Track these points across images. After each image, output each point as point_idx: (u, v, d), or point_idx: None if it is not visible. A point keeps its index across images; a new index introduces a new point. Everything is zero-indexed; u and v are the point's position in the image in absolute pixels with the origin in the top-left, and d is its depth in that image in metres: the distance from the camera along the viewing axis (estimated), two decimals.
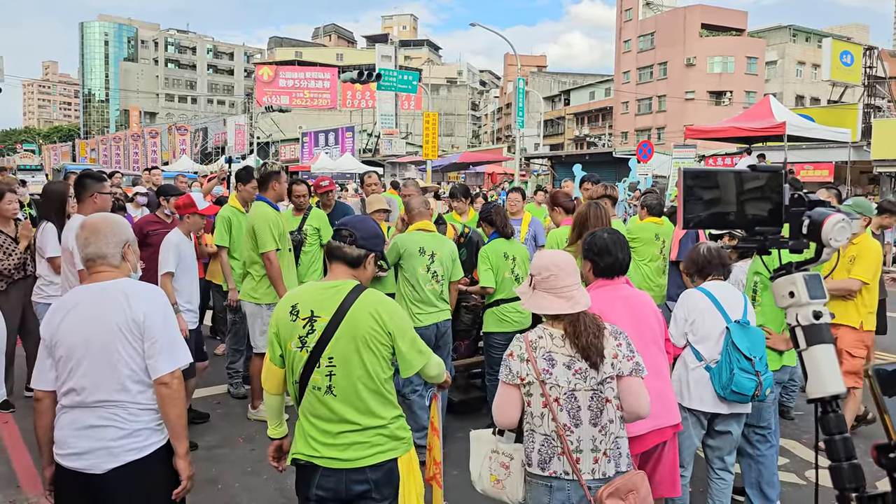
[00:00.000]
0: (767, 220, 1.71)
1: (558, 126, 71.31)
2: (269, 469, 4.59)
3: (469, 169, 36.43)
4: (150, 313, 2.51)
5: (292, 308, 2.60)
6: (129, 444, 2.48)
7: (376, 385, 2.58)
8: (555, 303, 2.59)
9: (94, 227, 2.64)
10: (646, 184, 21.02)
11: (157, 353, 2.50)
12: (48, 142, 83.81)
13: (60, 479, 2.54)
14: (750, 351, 3.54)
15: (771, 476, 4.00)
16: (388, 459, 2.60)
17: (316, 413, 2.59)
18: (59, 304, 2.61)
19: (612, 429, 2.56)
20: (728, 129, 17.43)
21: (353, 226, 2.68)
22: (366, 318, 2.54)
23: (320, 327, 2.54)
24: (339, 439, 2.56)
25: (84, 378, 2.46)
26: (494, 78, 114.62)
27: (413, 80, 26.49)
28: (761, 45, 54.03)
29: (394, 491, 2.62)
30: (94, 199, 4.76)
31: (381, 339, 2.57)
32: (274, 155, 49.59)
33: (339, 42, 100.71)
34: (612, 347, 2.57)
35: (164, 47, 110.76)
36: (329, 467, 2.57)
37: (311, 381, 2.57)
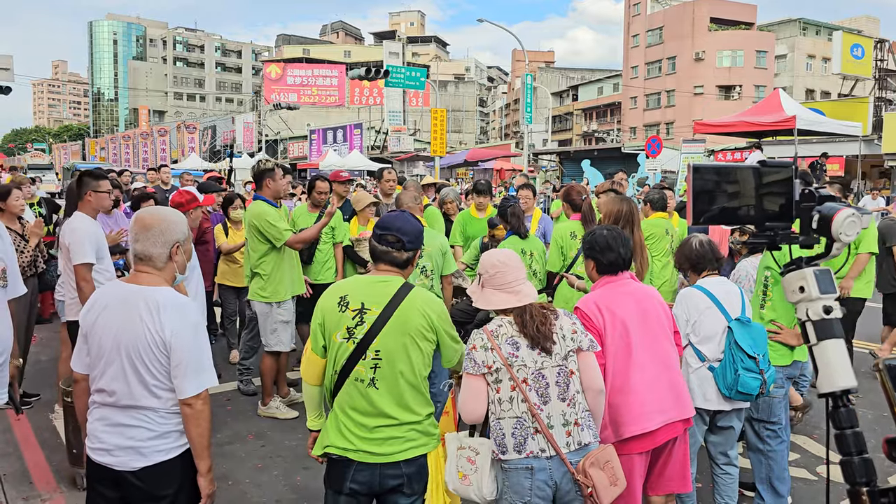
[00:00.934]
0: (778, 216, 1.70)
1: (566, 122, 71.15)
2: (280, 465, 4.63)
3: (477, 165, 36.41)
4: (178, 331, 2.43)
5: (341, 299, 2.65)
6: (158, 444, 2.48)
7: (417, 381, 2.64)
8: (503, 298, 2.74)
9: (145, 223, 2.56)
10: (655, 179, 20.96)
11: (181, 374, 2.43)
12: (58, 141, 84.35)
13: (92, 471, 2.55)
14: (752, 349, 3.53)
15: (781, 471, 3.98)
16: (420, 455, 2.66)
17: (354, 406, 2.63)
18: (99, 297, 2.58)
19: (579, 399, 2.69)
20: (737, 124, 17.33)
21: (400, 230, 2.70)
22: (416, 314, 2.61)
23: (370, 319, 2.59)
24: (375, 433, 2.60)
25: (114, 382, 2.46)
26: (502, 74, 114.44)
27: (421, 76, 26.48)
28: (771, 39, 53.69)
29: (424, 486, 2.69)
30: (88, 197, 4.77)
31: (428, 335, 2.64)
32: (282, 153, 49.71)
33: (347, 39, 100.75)
34: (569, 325, 2.73)
35: (172, 46, 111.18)
36: (364, 461, 2.60)
37: (355, 372, 2.61)
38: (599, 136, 60.80)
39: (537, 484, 2.60)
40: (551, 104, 64.77)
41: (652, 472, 3.25)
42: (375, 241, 2.73)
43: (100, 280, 4.55)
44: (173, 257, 2.59)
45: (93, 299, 2.60)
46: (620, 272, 3.26)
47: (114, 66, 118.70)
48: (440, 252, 5.12)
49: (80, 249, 4.56)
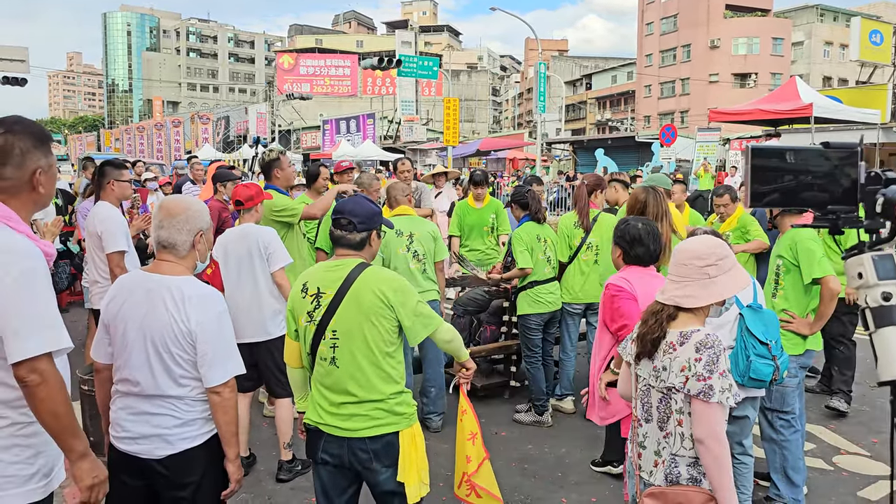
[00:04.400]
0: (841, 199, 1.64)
1: (580, 110, 70.75)
2: (295, 453, 4.64)
3: (490, 155, 36.30)
4: (203, 321, 2.45)
5: (303, 286, 2.82)
6: (184, 432, 2.49)
7: (377, 358, 2.72)
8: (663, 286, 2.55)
9: (170, 211, 2.59)
10: (669, 168, 20.81)
11: (208, 363, 2.46)
12: (73, 132, 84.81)
13: (115, 460, 2.56)
14: (764, 335, 3.49)
15: (796, 461, 3.96)
16: (387, 433, 2.73)
17: (323, 383, 2.79)
18: (121, 287, 2.59)
19: (671, 441, 2.41)
20: (753, 112, 17.12)
21: (351, 212, 2.82)
22: (368, 292, 2.71)
23: (325, 302, 2.74)
24: (341, 409, 2.73)
25: (138, 371, 2.46)
26: (515, 63, 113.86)
27: (433, 65, 26.37)
28: (787, 26, 53.02)
29: (394, 460, 2.74)
30: (111, 186, 4.89)
31: (384, 312, 2.72)
32: (295, 143, 49.77)
33: (359, 29, 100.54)
34: (686, 359, 2.34)
35: (185, 37, 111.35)
36: (332, 434, 2.75)
37: (319, 352, 2.77)
38: (613, 125, 60.38)
39: (631, 483, 2.66)
40: (564, 93, 64.33)
41: None
42: (332, 226, 2.86)
43: (127, 268, 4.67)
44: (196, 245, 2.61)
45: (115, 289, 2.59)
46: (647, 266, 3.30)
47: (128, 58, 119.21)
48: (431, 237, 5.15)
49: (113, 238, 4.68)
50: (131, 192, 5.26)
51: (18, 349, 1.91)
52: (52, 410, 1.96)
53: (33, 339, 1.92)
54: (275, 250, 4.38)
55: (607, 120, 64.03)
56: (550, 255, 5.41)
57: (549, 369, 5.54)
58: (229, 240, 4.48)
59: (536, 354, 5.37)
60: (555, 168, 36.00)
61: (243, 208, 4.54)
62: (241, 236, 4.44)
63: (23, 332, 1.91)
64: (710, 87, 50.66)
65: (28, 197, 2.13)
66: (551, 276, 5.39)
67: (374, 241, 2.89)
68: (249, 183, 4.85)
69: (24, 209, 2.12)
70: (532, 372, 5.37)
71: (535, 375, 5.35)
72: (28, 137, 2.10)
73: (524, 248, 5.30)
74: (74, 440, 2.04)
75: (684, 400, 2.34)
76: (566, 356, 5.62)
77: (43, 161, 2.14)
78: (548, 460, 4.77)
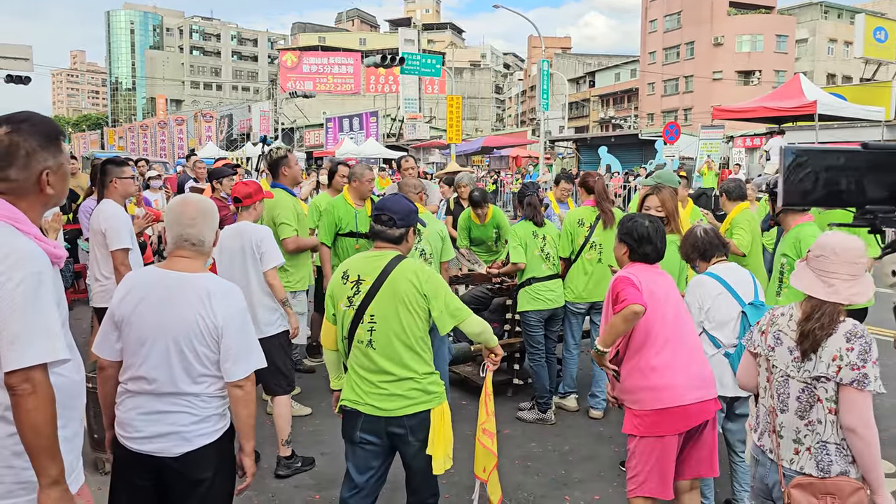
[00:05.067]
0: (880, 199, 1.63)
1: (583, 108, 70.64)
2: (298, 451, 4.65)
3: (493, 152, 36.28)
4: (228, 317, 2.47)
5: (343, 273, 3.08)
6: (201, 429, 2.49)
7: (410, 341, 2.97)
8: (813, 284, 2.52)
9: (202, 209, 2.61)
10: (672, 166, 20.78)
11: (232, 358, 2.48)
12: (77, 130, 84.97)
13: (124, 461, 2.53)
14: None
15: None
16: (421, 410, 2.99)
17: (361, 364, 3.02)
18: (135, 284, 2.56)
19: (818, 429, 2.46)
20: (757, 109, 17.11)
21: (391, 209, 3.07)
22: (404, 281, 2.96)
23: (364, 289, 2.99)
24: (379, 388, 2.98)
25: (156, 369, 2.45)
26: (518, 60, 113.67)
27: (436, 63, 26.41)
28: (791, 23, 52.84)
29: (426, 434, 3.00)
30: (114, 185, 4.90)
31: (417, 300, 2.96)
32: (298, 141, 49.78)
33: (363, 27, 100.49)
34: (837, 349, 2.41)
35: (188, 35, 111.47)
36: (371, 414, 2.98)
37: (356, 335, 3.01)
38: (616, 123, 60.27)
39: (761, 474, 2.67)
40: (568, 91, 64.11)
41: (681, 455, 3.26)
42: (373, 220, 3.12)
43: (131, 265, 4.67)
44: (215, 243, 2.68)
45: (128, 286, 2.57)
46: (653, 264, 3.33)
47: (131, 56, 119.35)
48: (439, 237, 5.15)
49: (118, 236, 4.68)
50: (135, 190, 5.26)
51: (14, 357, 1.82)
52: (35, 425, 1.84)
53: (31, 349, 1.84)
54: (267, 249, 4.37)
55: (610, 118, 63.93)
56: (550, 252, 5.38)
57: (552, 367, 5.53)
58: (224, 237, 4.48)
59: (539, 352, 5.37)
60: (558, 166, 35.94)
61: (241, 206, 4.55)
62: (235, 234, 4.45)
63: (20, 341, 1.83)
64: (713, 85, 50.52)
65: (36, 198, 2.04)
66: (551, 274, 5.38)
67: (411, 236, 3.14)
68: (249, 181, 4.86)
69: (33, 210, 2.03)
70: (535, 369, 5.36)
71: (539, 373, 5.35)
72: (35, 137, 2.00)
73: (518, 243, 5.32)
74: (50, 463, 1.88)
75: (834, 389, 2.41)
76: (569, 354, 5.61)
77: (51, 161, 2.03)
78: (551, 458, 4.77)
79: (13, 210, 1.97)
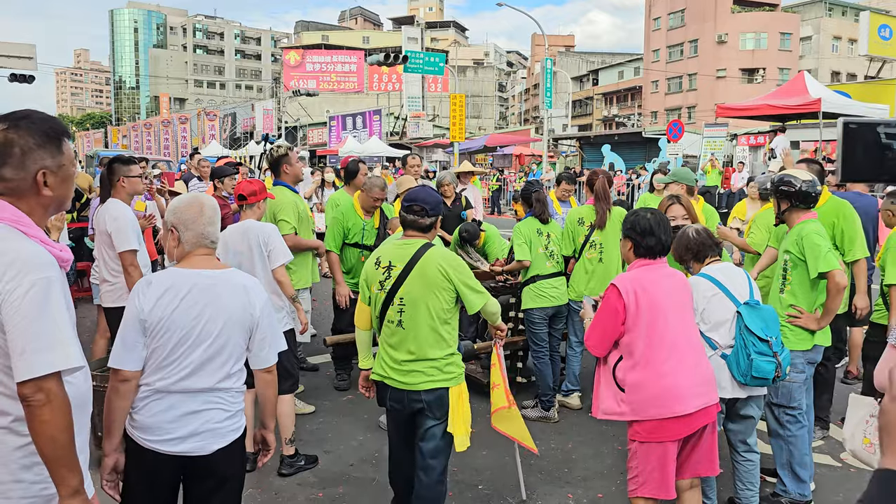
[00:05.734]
0: None
1: (587, 106, 70.53)
2: (301, 449, 4.66)
3: (496, 151, 36.24)
4: (263, 307, 2.60)
5: (376, 260, 3.36)
6: (232, 424, 2.54)
7: (436, 323, 3.23)
8: None
9: (216, 208, 2.67)
10: (676, 164, 20.74)
11: (267, 346, 2.63)
12: (81, 129, 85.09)
13: (150, 465, 2.47)
14: (764, 332, 3.45)
15: (802, 457, 3.95)
16: (438, 387, 3.26)
17: (390, 342, 3.31)
18: (170, 284, 2.48)
19: None
20: (761, 107, 17.06)
21: (423, 200, 3.32)
22: (432, 267, 3.22)
23: (395, 274, 3.25)
24: (403, 366, 3.27)
25: (193, 366, 2.45)
26: (521, 59, 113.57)
27: (439, 61, 26.39)
28: (796, 20, 52.68)
29: (444, 412, 3.28)
30: (121, 183, 4.87)
31: (444, 284, 3.22)
32: (302, 139, 49.80)
33: (366, 25, 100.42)
34: None
35: (192, 33, 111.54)
36: (395, 387, 3.30)
37: (387, 315, 3.29)
38: (620, 121, 60.18)
39: None
40: (571, 89, 64.12)
41: (680, 455, 3.26)
42: (404, 211, 3.33)
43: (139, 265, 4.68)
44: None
45: (161, 288, 2.47)
46: (658, 257, 3.29)
47: (135, 54, 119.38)
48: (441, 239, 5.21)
49: (125, 237, 4.65)
50: (143, 188, 5.24)
51: (26, 367, 1.76)
52: (52, 435, 1.78)
53: (42, 357, 1.77)
54: (275, 247, 4.38)
55: (614, 116, 63.82)
56: (554, 250, 5.40)
57: (555, 365, 5.54)
58: (230, 235, 4.48)
59: (544, 349, 5.37)
60: (561, 164, 35.90)
61: (246, 203, 4.54)
62: (241, 232, 4.44)
63: (31, 350, 1.77)
64: (717, 83, 50.42)
65: (36, 200, 1.95)
66: (555, 271, 5.39)
67: (438, 226, 3.41)
68: (253, 179, 4.85)
69: (34, 213, 1.95)
70: (540, 367, 5.37)
71: (543, 371, 5.35)
72: (32, 135, 1.92)
73: (522, 241, 5.32)
74: (70, 473, 1.83)
75: None
76: (573, 352, 5.62)
77: (49, 161, 1.94)
78: (554, 456, 4.77)
79: (17, 213, 1.90)
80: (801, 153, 21.10)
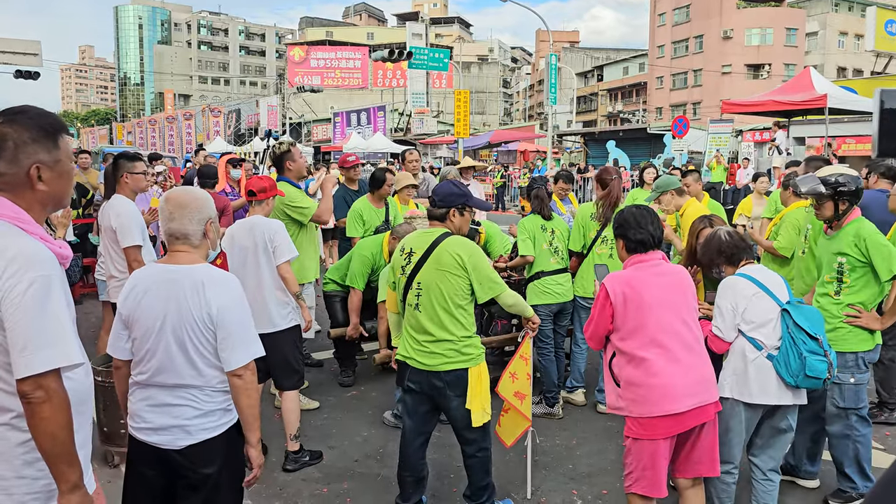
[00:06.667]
0: None
1: (591, 102, 70.38)
2: (305, 445, 4.67)
3: (501, 147, 36.20)
4: (223, 306, 2.48)
5: (402, 247, 3.65)
6: (204, 423, 2.51)
7: (450, 307, 3.46)
8: None
9: (179, 202, 2.60)
10: (681, 160, 20.69)
11: (230, 347, 2.49)
12: (86, 125, 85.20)
13: (133, 451, 2.57)
14: (813, 330, 3.33)
15: (869, 453, 3.95)
16: (457, 368, 3.47)
17: (410, 324, 3.58)
18: (138, 281, 2.58)
19: None
20: (766, 103, 16.95)
21: (436, 191, 3.65)
22: (447, 255, 3.46)
23: (414, 260, 3.53)
24: (423, 346, 3.51)
25: (160, 362, 2.48)
26: (526, 55, 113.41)
27: (444, 58, 26.32)
28: (801, 16, 52.43)
29: (463, 390, 3.48)
30: (125, 179, 4.90)
31: (458, 271, 3.45)
32: (306, 135, 49.83)
33: (370, 21, 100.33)
34: None
35: (196, 29, 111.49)
36: (416, 367, 3.53)
37: (407, 299, 3.56)
38: (625, 117, 60.05)
39: None
40: (576, 85, 64.01)
41: (679, 454, 3.24)
42: (430, 203, 3.68)
43: (144, 260, 4.67)
44: (207, 234, 2.64)
45: (131, 283, 2.59)
46: (651, 251, 3.26)
47: (139, 51, 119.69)
48: None
49: (129, 233, 4.67)
50: (146, 184, 5.26)
51: (25, 365, 1.77)
52: (51, 432, 1.80)
53: (41, 355, 1.78)
54: (280, 243, 4.38)
55: (619, 112, 63.69)
56: (558, 247, 5.38)
57: (560, 362, 5.53)
58: (236, 231, 4.50)
59: (549, 346, 5.36)
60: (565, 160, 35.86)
61: (255, 199, 4.55)
62: (248, 228, 4.45)
63: (31, 347, 1.78)
64: (722, 79, 50.25)
65: (32, 195, 1.94)
66: (559, 268, 5.37)
67: (455, 217, 3.61)
68: (264, 175, 4.86)
69: (33, 208, 1.95)
70: (545, 364, 5.36)
71: (548, 367, 5.35)
72: (27, 129, 1.91)
73: (526, 236, 5.32)
74: (69, 469, 1.85)
75: None
76: (577, 348, 5.60)
77: (44, 156, 1.93)
78: (558, 452, 4.77)
79: (17, 210, 1.90)
80: (806, 149, 21.02)
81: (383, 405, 5.45)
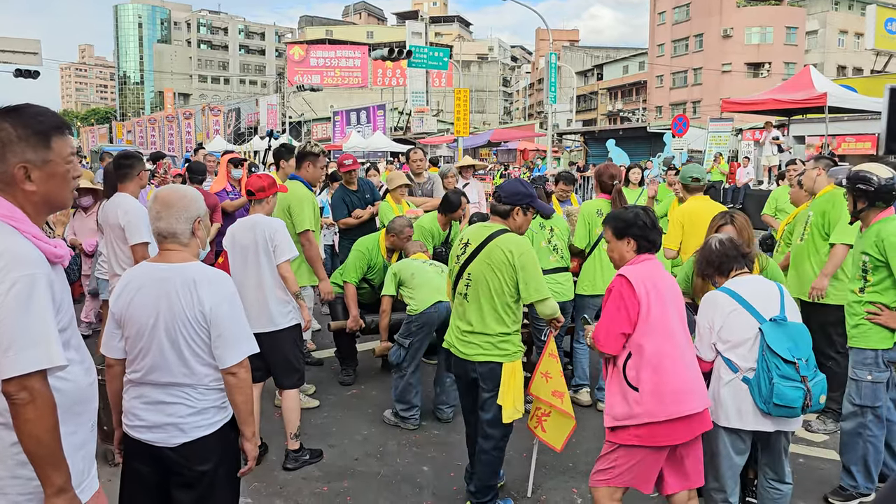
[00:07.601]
0: None
1: (591, 101, 70.37)
2: (305, 443, 4.66)
3: (501, 146, 36.19)
4: (216, 304, 2.47)
5: (461, 237, 3.75)
6: (198, 421, 2.51)
7: (495, 302, 3.56)
8: None
9: (166, 200, 2.58)
10: (681, 159, 20.69)
11: (223, 345, 2.49)
12: (86, 124, 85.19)
13: (128, 448, 2.58)
14: (791, 352, 3.10)
15: (878, 454, 3.92)
16: (490, 361, 3.58)
17: (457, 313, 3.72)
18: (129, 279, 2.58)
19: None
20: (766, 102, 16.94)
21: (502, 188, 3.73)
22: (498, 251, 3.53)
23: (469, 251, 3.63)
24: (464, 336, 3.65)
25: (153, 360, 2.48)
26: (526, 53, 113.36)
27: (444, 56, 26.29)
28: (801, 14, 52.42)
29: (495, 384, 3.58)
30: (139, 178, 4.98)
31: (506, 268, 3.52)
32: (306, 134, 49.82)
33: (370, 20, 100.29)
34: None
35: (196, 28, 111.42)
36: (456, 356, 3.69)
37: (457, 288, 3.70)
38: (625, 116, 60.05)
39: None
40: (576, 83, 63.97)
41: (671, 468, 3.10)
42: (493, 199, 3.72)
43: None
44: (196, 232, 2.62)
45: (123, 283, 2.59)
46: (654, 252, 3.24)
47: (139, 50, 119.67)
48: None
49: (137, 230, 4.65)
50: (146, 182, 5.30)
51: (9, 365, 1.75)
52: (36, 434, 1.78)
53: (25, 356, 1.76)
54: (280, 242, 4.37)
55: (619, 110, 63.68)
56: (557, 245, 5.36)
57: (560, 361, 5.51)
58: (237, 229, 4.49)
59: None
60: (565, 159, 35.86)
61: (255, 199, 4.54)
62: (249, 227, 4.45)
63: (15, 348, 1.75)
64: (722, 77, 50.23)
65: (23, 196, 1.91)
66: (559, 266, 5.35)
67: (518, 215, 3.65)
68: (263, 174, 4.85)
69: (25, 208, 1.92)
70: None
71: None
72: (15, 128, 1.87)
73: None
74: (55, 472, 1.82)
75: None
76: (579, 346, 5.58)
77: (32, 155, 1.89)
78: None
79: (12, 209, 1.88)
80: (806, 148, 21.02)
81: (383, 404, 5.44)
